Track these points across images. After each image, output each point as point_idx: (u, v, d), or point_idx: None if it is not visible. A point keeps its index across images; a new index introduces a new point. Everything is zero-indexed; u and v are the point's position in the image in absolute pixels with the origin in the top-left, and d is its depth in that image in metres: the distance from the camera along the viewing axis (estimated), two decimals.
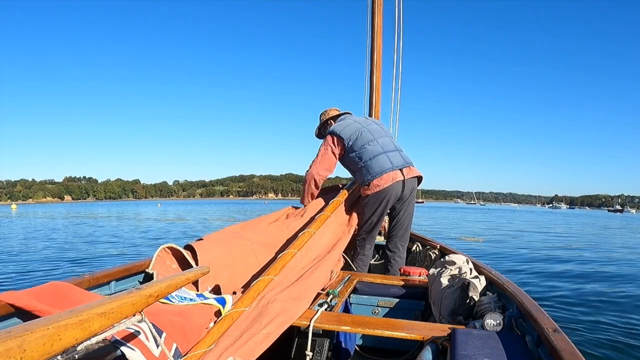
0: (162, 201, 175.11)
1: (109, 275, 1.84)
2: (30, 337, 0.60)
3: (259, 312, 1.63)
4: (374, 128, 3.12)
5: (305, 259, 2.23)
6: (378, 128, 3.15)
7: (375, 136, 3.05)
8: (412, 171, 3.02)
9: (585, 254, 11.10)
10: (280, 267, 1.97)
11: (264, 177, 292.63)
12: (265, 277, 1.84)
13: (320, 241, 2.45)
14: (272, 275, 1.89)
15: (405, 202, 3.06)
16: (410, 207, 3.11)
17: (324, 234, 2.53)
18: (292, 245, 2.17)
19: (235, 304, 1.67)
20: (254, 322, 1.55)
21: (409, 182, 2.99)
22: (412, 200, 3.09)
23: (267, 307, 1.67)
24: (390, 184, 2.90)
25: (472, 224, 24.58)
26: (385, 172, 2.90)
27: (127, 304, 0.86)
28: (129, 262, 2.03)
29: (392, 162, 2.94)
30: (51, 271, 7.22)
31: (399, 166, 2.95)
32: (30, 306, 1.24)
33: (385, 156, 2.96)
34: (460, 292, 2.04)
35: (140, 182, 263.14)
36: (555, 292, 5.83)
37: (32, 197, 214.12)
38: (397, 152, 3.04)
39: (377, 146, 2.99)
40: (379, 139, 3.04)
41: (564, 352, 1.21)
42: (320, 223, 2.49)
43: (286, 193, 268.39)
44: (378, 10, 4.09)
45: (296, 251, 2.13)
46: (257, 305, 1.69)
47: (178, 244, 2.09)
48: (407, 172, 2.97)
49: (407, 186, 3.00)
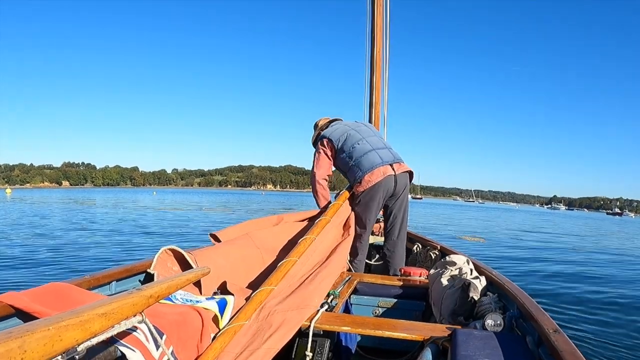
0: (159, 189, 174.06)
1: (110, 275, 1.84)
2: (30, 338, 0.60)
3: (259, 326, 1.61)
4: (362, 129, 3.22)
5: (306, 266, 2.22)
6: (366, 129, 3.25)
7: (363, 135, 3.13)
8: (403, 167, 3.07)
9: (594, 256, 11.01)
10: (281, 276, 1.95)
11: (263, 168, 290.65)
12: (266, 287, 1.83)
13: (320, 247, 2.45)
14: (272, 285, 1.87)
15: (399, 199, 3.10)
16: (404, 204, 3.14)
17: (324, 240, 2.52)
18: (292, 252, 2.16)
19: (236, 317, 1.65)
20: (255, 337, 1.53)
21: (401, 176, 3.03)
22: (405, 197, 3.13)
23: (267, 319, 1.64)
24: (382, 178, 2.94)
25: (471, 222, 24.50)
26: (376, 167, 2.95)
27: (128, 305, 0.86)
28: (130, 263, 2.03)
29: (382, 158, 3.00)
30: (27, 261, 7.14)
31: (389, 161, 3.01)
32: (31, 307, 1.24)
33: (375, 153, 3.03)
34: (461, 292, 2.04)
35: (139, 170, 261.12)
36: (563, 293, 5.82)
37: (29, 181, 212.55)
38: (386, 150, 3.10)
39: (367, 145, 3.06)
40: (368, 138, 3.12)
41: (565, 352, 1.21)
42: (320, 228, 2.49)
43: (285, 184, 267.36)
44: (378, 10, 4.09)
45: (297, 259, 2.11)
46: (257, 318, 1.67)
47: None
48: (397, 168, 3.02)
49: (400, 181, 3.03)
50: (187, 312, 1.54)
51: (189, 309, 1.58)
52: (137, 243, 9.34)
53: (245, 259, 2.21)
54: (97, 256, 7.70)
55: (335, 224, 2.81)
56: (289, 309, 1.72)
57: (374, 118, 4.18)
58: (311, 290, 1.93)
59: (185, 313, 1.53)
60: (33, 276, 5.82)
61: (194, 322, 1.50)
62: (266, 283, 1.88)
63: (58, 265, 6.74)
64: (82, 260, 7.19)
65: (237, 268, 2.13)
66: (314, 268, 2.26)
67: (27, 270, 6.27)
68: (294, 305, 1.76)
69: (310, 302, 1.82)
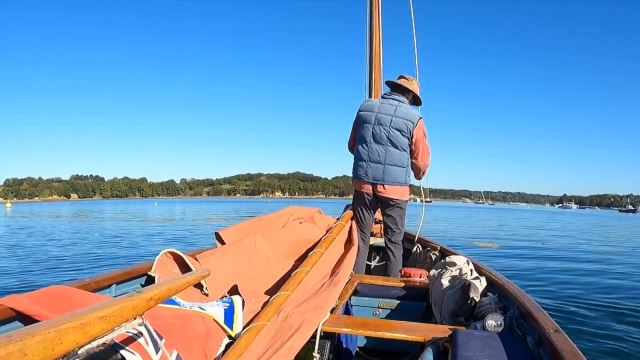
0: (168, 200, 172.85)
1: (110, 278, 1.84)
2: (31, 341, 0.60)
3: (278, 327, 1.68)
4: (378, 130, 3.03)
5: (317, 276, 2.30)
6: (383, 131, 3.02)
7: (371, 140, 3.04)
8: (386, 190, 3.03)
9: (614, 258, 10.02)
10: (297, 283, 2.03)
11: (272, 176, 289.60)
12: (283, 292, 1.91)
13: (328, 260, 2.51)
14: (289, 291, 1.95)
15: (389, 211, 3.13)
16: (393, 214, 3.14)
17: (331, 254, 2.59)
18: (305, 263, 2.24)
19: (257, 317, 1.71)
20: (276, 338, 1.60)
21: (381, 197, 3.07)
22: (394, 208, 3.12)
23: (286, 321, 1.72)
24: (363, 191, 3.09)
25: (483, 224, 23.14)
26: (359, 179, 3.09)
27: (128, 307, 0.86)
28: (130, 266, 2.03)
29: (367, 174, 3.05)
30: None
31: (372, 181, 3.04)
32: (31, 310, 1.24)
33: (365, 165, 3.06)
34: (461, 293, 2.04)
35: (147, 181, 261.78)
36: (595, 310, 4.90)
37: (38, 195, 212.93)
38: (380, 166, 3.03)
39: (365, 152, 3.06)
40: (372, 145, 3.04)
41: (565, 352, 1.21)
42: (328, 244, 2.56)
43: (293, 192, 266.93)
44: (375, 11, 4.11)
45: (309, 269, 2.19)
46: (275, 320, 1.74)
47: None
48: (379, 189, 3.03)
49: (382, 201, 3.10)
50: (189, 316, 1.54)
51: (190, 312, 1.58)
52: (86, 256, 8.95)
53: (251, 264, 2.26)
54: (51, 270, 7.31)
55: (340, 241, 2.87)
56: (307, 310, 1.79)
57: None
58: (325, 295, 2.01)
59: (187, 317, 1.53)
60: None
61: (195, 326, 1.50)
62: (283, 289, 1.95)
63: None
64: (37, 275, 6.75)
65: (244, 273, 2.17)
66: (325, 278, 2.33)
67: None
68: (312, 306, 1.83)
69: (326, 303, 1.89)
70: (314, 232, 2.80)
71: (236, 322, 1.69)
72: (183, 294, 1.69)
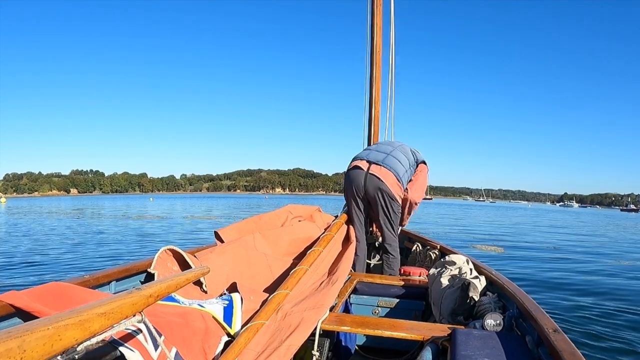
0: (167, 195, 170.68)
1: (110, 275, 1.84)
2: (30, 338, 0.60)
3: (277, 326, 1.68)
4: (382, 147, 3.29)
5: (315, 275, 2.30)
6: (388, 145, 3.31)
7: (374, 147, 3.30)
8: (382, 171, 2.95)
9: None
10: (295, 282, 2.03)
11: (272, 172, 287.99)
12: (282, 291, 1.91)
13: (327, 258, 2.51)
14: (288, 289, 1.94)
15: (376, 204, 3.01)
16: (381, 209, 3.02)
17: (329, 252, 2.59)
18: (303, 261, 2.24)
19: (257, 316, 1.71)
20: (275, 337, 1.60)
21: (371, 177, 2.96)
22: (383, 203, 2.99)
23: (285, 319, 1.72)
24: (351, 168, 3.07)
25: (485, 224, 22.38)
26: (357, 159, 3.10)
27: (127, 304, 0.86)
28: (130, 263, 2.03)
29: (367, 155, 3.10)
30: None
31: (370, 160, 3.05)
32: (31, 306, 1.24)
33: (368, 150, 3.18)
34: (461, 292, 2.04)
35: (148, 176, 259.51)
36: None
37: (38, 190, 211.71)
38: (382, 154, 3.09)
39: (373, 146, 3.28)
40: (381, 145, 3.30)
41: (564, 352, 1.22)
42: (326, 242, 2.56)
43: (294, 188, 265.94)
44: (378, 10, 4.10)
45: (307, 267, 2.19)
46: (274, 319, 1.74)
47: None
48: (374, 169, 2.98)
49: (369, 181, 2.97)
50: (188, 313, 1.54)
51: (190, 310, 1.58)
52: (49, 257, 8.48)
53: (250, 262, 2.26)
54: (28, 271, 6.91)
55: (338, 239, 2.87)
56: (306, 308, 1.79)
57: (374, 117, 4.18)
58: (324, 293, 2.00)
59: (186, 314, 1.53)
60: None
61: (195, 323, 1.50)
62: (282, 287, 1.95)
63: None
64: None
65: (243, 271, 2.17)
66: (323, 277, 2.34)
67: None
68: (311, 305, 1.83)
69: (324, 302, 1.89)
70: (312, 230, 2.80)
71: (235, 319, 1.68)
72: (182, 291, 1.70)
